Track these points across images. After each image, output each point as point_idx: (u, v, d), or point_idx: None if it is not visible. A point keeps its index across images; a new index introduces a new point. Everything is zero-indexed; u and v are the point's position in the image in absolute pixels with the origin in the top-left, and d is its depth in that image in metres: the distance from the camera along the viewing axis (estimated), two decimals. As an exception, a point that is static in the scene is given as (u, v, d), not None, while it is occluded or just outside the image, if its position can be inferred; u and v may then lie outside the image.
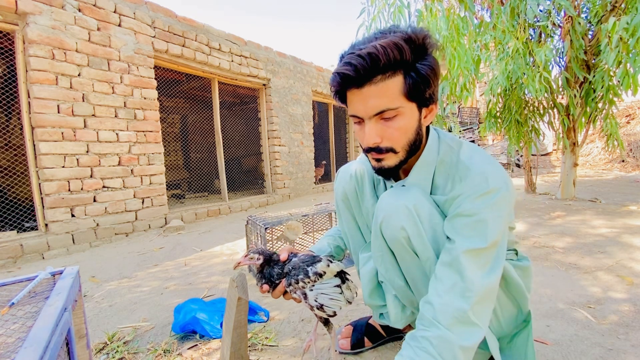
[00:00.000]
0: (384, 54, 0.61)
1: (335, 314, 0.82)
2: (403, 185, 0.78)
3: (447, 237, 0.69)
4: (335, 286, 0.83)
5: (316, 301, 0.80)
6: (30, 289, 0.67)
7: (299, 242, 1.93)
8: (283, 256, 0.85)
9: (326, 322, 0.86)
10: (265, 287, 0.82)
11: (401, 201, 0.72)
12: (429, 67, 0.64)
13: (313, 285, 0.80)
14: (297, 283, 0.79)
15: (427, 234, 0.70)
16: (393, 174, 0.76)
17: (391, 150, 0.70)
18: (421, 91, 0.66)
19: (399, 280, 0.81)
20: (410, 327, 1.03)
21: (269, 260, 0.83)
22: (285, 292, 0.83)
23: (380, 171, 0.75)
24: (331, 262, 0.84)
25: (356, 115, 0.70)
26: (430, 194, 0.75)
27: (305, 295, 0.80)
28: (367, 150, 0.72)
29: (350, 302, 0.86)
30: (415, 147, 0.73)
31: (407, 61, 0.63)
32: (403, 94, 0.65)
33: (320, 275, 0.80)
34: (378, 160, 0.72)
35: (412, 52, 0.63)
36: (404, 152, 0.71)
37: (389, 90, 0.64)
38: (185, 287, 1.72)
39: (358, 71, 0.63)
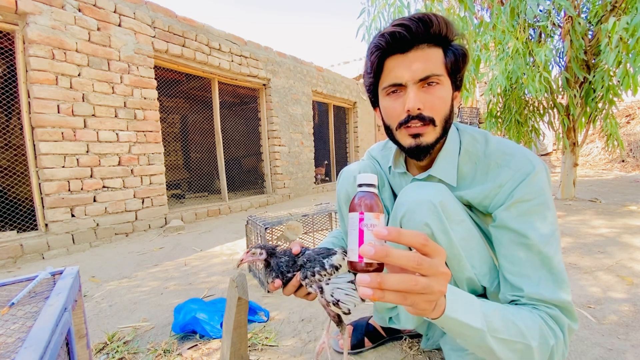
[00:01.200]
0: (437, 23, 0.63)
1: (350, 312, 0.80)
2: (429, 175, 0.76)
3: (508, 229, 0.66)
4: (349, 282, 0.81)
5: (332, 296, 0.76)
6: (30, 289, 0.67)
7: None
8: (295, 249, 0.81)
9: (339, 322, 0.84)
10: (278, 282, 0.77)
11: (425, 196, 0.68)
12: (463, 47, 0.69)
13: (329, 279, 0.77)
14: (314, 276, 0.75)
15: (453, 231, 0.67)
16: (427, 154, 0.72)
17: (432, 122, 0.68)
18: (459, 68, 0.69)
19: None
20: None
21: (272, 253, 0.80)
22: (299, 288, 0.79)
23: (416, 149, 0.70)
24: (346, 255, 0.81)
25: (396, 84, 0.68)
26: (457, 184, 0.75)
27: (321, 289, 0.76)
28: (406, 121, 0.68)
29: (363, 300, 0.84)
30: (448, 126, 0.72)
31: (447, 37, 0.66)
32: (444, 65, 0.67)
33: (337, 268, 0.76)
34: (416, 135, 0.69)
35: (451, 32, 0.67)
36: (440, 128, 0.69)
37: (433, 57, 0.66)
38: (185, 287, 1.72)
39: (411, 33, 0.64)
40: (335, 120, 6.76)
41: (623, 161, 7.17)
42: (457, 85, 0.71)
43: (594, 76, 3.02)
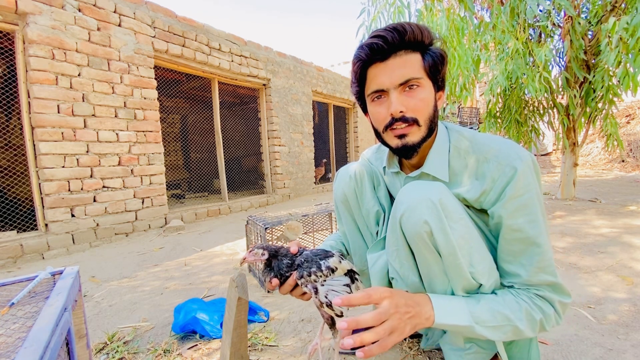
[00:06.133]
0: (411, 30, 0.69)
1: (342, 314, 0.80)
2: (422, 172, 0.79)
3: (505, 225, 0.70)
4: (344, 285, 0.81)
5: (326, 297, 0.77)
6: (30, 289, 0.67)
7: (299, 242, 1.93)
8: (293, 249, 0.83)
9: (332, 324, 0.84)
10: (275, 281, 0.79)
11: (425, 194, 0.69)
12: (441, 49, 0.74)
13: (324, 280, 0.78)
14: (310, 276, 0.76)
15: (452, 230, 0.67)
16: (414, 153, 0.76)
17: (415, 122, 0.72)
18: (438, 70, 0.73)
19: (413, 276, 0.78)
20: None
21: (275, 254, 0.81)
22: (294, 287, 0.81)
23: (403, 149, 0.75)
24: (343, 258, 0.83)
25: (379, 90, 0.73)
26: (449, 179, 0.78)
27: (316, 290, 0.77)
28: (390, 124, 0.73)
29: None
30: (433, 125, 0.76)
31: (424, 43, 0.72)
32: (423, 68, 0.72)
33: (333, 271, 0.78)
34: (401, 136, 0.74)
35: (427, 37, 0.72)
36: (425, 127, 0.74)
37: (411, 62, 0.71)
38: (185, 287, 1.72)
39: (387, 42, 0.69)
40: (335, 120, 6.76)
41: (623, 161, 7.17)
42: (439, 85, 0.76)
43: (594, 76, 3.02)
